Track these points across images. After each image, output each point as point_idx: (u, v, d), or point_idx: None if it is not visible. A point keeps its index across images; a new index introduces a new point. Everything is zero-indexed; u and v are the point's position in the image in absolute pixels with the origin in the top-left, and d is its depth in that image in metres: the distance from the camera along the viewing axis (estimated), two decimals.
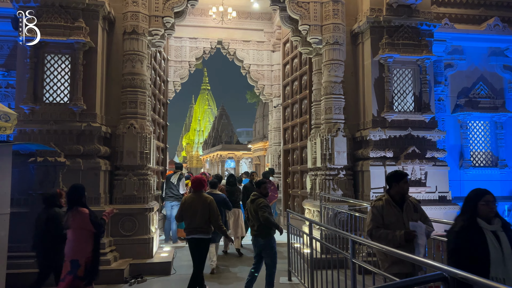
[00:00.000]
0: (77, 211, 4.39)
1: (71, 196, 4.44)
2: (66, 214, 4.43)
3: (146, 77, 7.67)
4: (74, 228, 4.34)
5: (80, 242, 4.30)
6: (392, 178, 3.90)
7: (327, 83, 7.91)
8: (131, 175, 7.16)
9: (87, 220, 4.35)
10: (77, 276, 4.22)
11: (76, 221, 4.35)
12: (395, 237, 3.66)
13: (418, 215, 3.82)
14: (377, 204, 3.88)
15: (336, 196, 7.47)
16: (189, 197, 5.32)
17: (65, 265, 4.30)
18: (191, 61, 11.51)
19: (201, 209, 5.16)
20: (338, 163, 7.66)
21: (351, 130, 8.07)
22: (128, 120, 7.28)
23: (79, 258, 4.27)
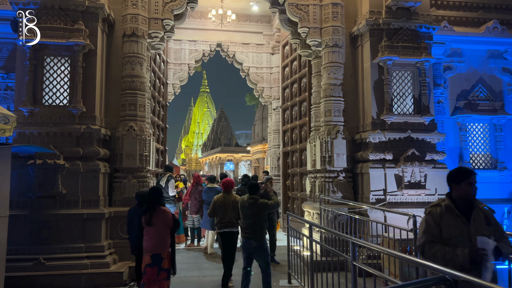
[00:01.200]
0: (161, 210, 4.95)
1: (153, 196, 4.97)
2: (147, 212, 4.91)
3: (146, 79, 7.66)
4: (157, 225, 4.86)
5: (163, 238, 4.87)
6: (453, 177, 2.95)
7: (326, 85, 7.91)
8: (130, 178, 7.14)
9: (170, 218, 4.94)
10: (162, 268, 4.79)
11: (160, 219, 4.88)
12: (456, 256, 2.74)
13: (491, 229, 2.87)
14: (434, 211, 2.96)
15: (336, 199, 7.47)
16: (221, 196, 6.20)
17: (144, 259, 4.82)
18: (190, 63, 11.51)
19: (231, 207, 5.96)
20: (338, 165, 7.66)
21: (350, 133, 8.07)
22: (127, 123, 7.27)
23: (161, 252, 4.82)
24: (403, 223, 6.09)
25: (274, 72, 12.01)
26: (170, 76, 11.27)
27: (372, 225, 6.55)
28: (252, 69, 11.96)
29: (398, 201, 7.44)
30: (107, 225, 6.92)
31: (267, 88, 12.11)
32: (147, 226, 4.89)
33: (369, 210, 7.21)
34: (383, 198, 7.46)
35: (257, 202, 5.45)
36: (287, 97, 10.98)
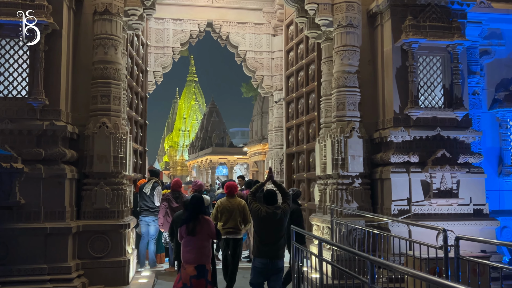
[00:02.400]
0: (204, 220, 5.54)
1: (196, 204, 5.56)
2: (190, 222, 5.47)
3: (121, 66, 7.65)
4: (201, 235, 5.44)
5: (206, 248, 5.46)
6: None
7: (339, 73, 7.92)
8: (102, 185, 7.14)
9: (213, 228, 5.55)
10: (208, 281, 5.34)
11: (204, 229, 5.47)
12: None
13: None
14: None
15: (351, 210, 7.48)
16: (225, 200, 7.13)
17: (187, 270, 5.34)
18: (175, 47, 11.50)
19: (237, 211, 6.66)
20: (353, 169, 7.67)
21: (368, 130, 8.08)
22: (99, 118, 7.26)
23: (206, 264, 5.39)
24: (431, 239, 6.10)
25: (276, 57, 12.01)
26: (151, 62, 11.27)
27: (394, 241, 6.55)
28: (249, 53, 11.96)
29: (425, 212, 7.46)
30: (75, 242, 6.91)
31: (268, 76, 12.10)
32: (190, 236, 5.43)
33: (391, 224, 7.23)
34: (407, 209, 7.48)
35: (285, 212, 5.63)
36: (292, 88, 10.97)
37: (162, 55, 11.44)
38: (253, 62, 12.03)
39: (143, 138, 10.43)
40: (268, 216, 5.57)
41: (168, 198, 8.29)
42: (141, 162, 10.25)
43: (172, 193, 8.38)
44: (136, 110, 9.87)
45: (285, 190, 5.96)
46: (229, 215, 7.16)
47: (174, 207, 8.17)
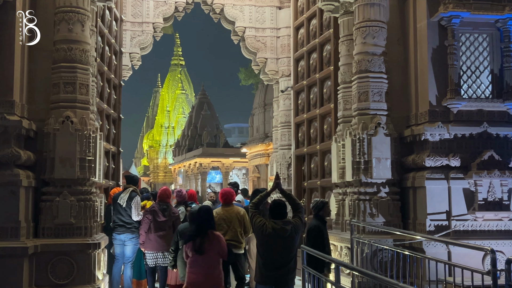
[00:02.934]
0: (214, 236, 5.79)
1: (204, 217, 5.82)
2: (197, 238, 5.70)
3: (90, 46, 7.64)
4: (210, 253, 5.67)
5: (217, 270, 5.69)
6: None
7: (361, 55, 7.90)
8: (66, 194, 7.12)
9: (224, 246, 5.79)
10: None
11: (214, 246, 5.71)
12: None
13: None
14: None
15: (376, 225, 7.47)
16: (220, 210, 7.32)
17: None
18: (156, 22, 11.49)
19: (236, 221, 6.84)
20: (378, 175, 7.65)
21: (397, 126, 8.06)
22: (62, 111, 7.24)
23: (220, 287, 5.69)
24: (477, 261, 6.10)
25: (282, 35, 11.99)
26: (127, 42, 11.25)
27: (429, 264, 6.53)
28: (249, 31, 11.94)
29: (468, 229, 7.44)
30: (32, 266, 6.89)
31: (272, 59, 12.08)
32: (197, 255, 5.65)
33: (426, 243, 7.20)
34: (446, 225, 7.46)
35: (296, 228, 5.60)
36: (302, 73, 10.96)
37: (141, 32, 11.43)
38: (253, 41, 12.00)
39: (116, 136, 10.40)
40: (275, 233, 5.54)
41: (154, 210, 8.28)
42: (114, 166, 10.23)
43: (159, 205, 8.35)
44: (108, 101, 9.85)
45: (296, 201, 5.95)
46: (227, 226, 7.33)
47: (160, 221, 8.16)
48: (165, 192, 8.50)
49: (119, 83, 10.73)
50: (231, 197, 7.69)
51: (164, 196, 8.44)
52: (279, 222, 5.61)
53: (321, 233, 6.88)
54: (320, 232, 6.89)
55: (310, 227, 6.93)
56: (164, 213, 8.23)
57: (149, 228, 8.19)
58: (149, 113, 58.16)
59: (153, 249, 8.13)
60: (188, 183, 37.30)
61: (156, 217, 8.18)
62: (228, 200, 7.61)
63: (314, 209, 7.03)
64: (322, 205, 7.11)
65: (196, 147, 36.84)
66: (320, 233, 6.87)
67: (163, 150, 48.78)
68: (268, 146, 24.46)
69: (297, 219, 5.70)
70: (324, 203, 7.16)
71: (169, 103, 50.61)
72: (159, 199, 8.45)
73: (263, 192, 6.12)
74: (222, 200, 7.69)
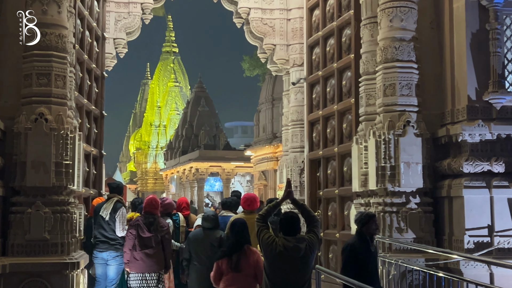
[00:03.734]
0: (250, 251, 6.04)
1: (240, 231, 6.09)
2: (233, 253, 5.98)
3: (68, 31, 7.63)
4: (247, 271, 5.93)
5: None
6: None
7: (387, 41, 7.89)
8: (40, 205, 7.11)
9: (261, 263, 5.83)
10: None
11: (249, 263, 5.94)
12: None
13: None
14: None
15: (404, 242, 7.43)
16: (240, 218, 7.24)
17: None
18: (145, 2, 11.49)
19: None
20: (408, 183, 7.63)
21: (430, 125, 8.05)
22: (35, 107, 7.24)
23: None
24: None
25: (293, 17, 11.98)
26: (110, 26, 11.24)
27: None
28: (255, 12, 11.93)
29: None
30: None
31: (282, 46, 12.06)
32: (233, 272, 5.88)
33: (464, 263, 7.15)
34: (488, 242, 7.41)
35: (312, 246, 5.52)
36: (318, 63, 10.93)
37: (127, 14, 11.42)
38: (260, 24, 11.98)
39: (98, 136, 10.41)
40: (286, 253, 5.48)
41: (138, 224, 8.25)
42: (96, 171, 10.23)
43: (145, 217, 8.30)
44: (89, 95, 9.86)
45: (311, 213, 5.88)
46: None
47: (145, 237, 8.12)
48: (152, 202, 8.37)
49: (102, 74, 10.73)
50: (255, 203, 7.93)
51: (150, 207, 8.32)
52: (291, 239, 5.54)
53: (354, 254, 6.22)
54: (352, 252, 6.25)
55: (344, 245, 6.69)
56: (150, 227, 8.14)
57: (134, 245, 8.15)
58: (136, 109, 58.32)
59: (138, 270, 8.01)
60: (183, 191, 37.32)
61: (141, 233, 8.12)
62: (252, 206, 7.87)
63: (357, 223, 6.44)
64: (366, 219, 6.41)
65: (192, 149, 36.91)
66: (352, 253, 6.23)
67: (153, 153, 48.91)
68: (276, 148, 24.46)
69: (312, 235, 5.63)
70: (369, 217, 6.45)
71: (160, 97, 50.76)
72: (144, 211, 8.37)
73: (272, 203, 6.08)
74: (245, 206, 7.96)
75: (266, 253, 5.60)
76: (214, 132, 37.71)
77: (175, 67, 52.31)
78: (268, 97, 26.05)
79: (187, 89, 52.06)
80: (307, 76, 11.37)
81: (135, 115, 58.14)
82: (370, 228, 6.35)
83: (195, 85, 42.25)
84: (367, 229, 6.34)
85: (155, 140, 49.42)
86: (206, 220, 7.64)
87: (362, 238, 6.35)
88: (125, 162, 59.07)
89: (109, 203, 8.67)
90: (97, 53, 10.50)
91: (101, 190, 10.33)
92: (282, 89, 13.67)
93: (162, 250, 7.95)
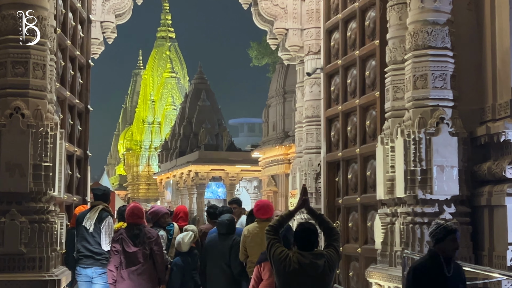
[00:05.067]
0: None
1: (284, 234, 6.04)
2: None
3: (48, 12, 7.67)
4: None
5: None
6: None
7: (418, 25, 7.90)
8: (15, 214, 7.15)
9: None
10: None
11: None
12: None
13: None
14: None
15: None
16: (254, 228, 7.75)
17: None
18: None
19: None
20: (441, 190, 7.63)
21: (467, 122, 8.05)
22: (10, 101, 7.29)
23: None
24: None
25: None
26: (97, 7, 11.28)
27: None
28: None
29: None
30: None
31: (295, 30, 12.09)
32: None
33: (506, 283, 7.17)
34: None
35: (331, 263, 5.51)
36: (337, 50, 10.95)
37: None
38: (270, 6, 12.01)
39: (83, 134, 10.43)
40: (302, 270, 5.47)
41: (122, 238, 8.27)
42: (80, 175, 10.26)
43: (128, 229, 8.31)
44: (72, 87, 9.89)
45: (330, 224, 5.86)
46: (259, 248, 7.39)
47: (131, 253, 8.13)
48: (133, 211, 8.36)
49: (87, 62, 10.77)
50: (270, 210, 8.13)
51: (133, 217, 8.32)
52: (308, 254, 5.52)
53: (420, 280, 5.50)
54: (418, 278, 5.54)
55: (413, 263, 5.95)
56: (136, 240, 8.17)
57: (120, 262, 8.16)
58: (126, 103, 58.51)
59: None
60: (180, 199, 37.40)
61: (126, 247, 8.13)
62: (267, 214, 8.04)
63: (431, 237, 5.63)
64: (442, 234, 5.51)
65: (190, 150, 36.98)
66: (417, 280, 5.51)
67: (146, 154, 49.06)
68: (288, 149, 24.49)
69: (332, 250, 5.61)
70: (446, 232, 5.46)
71: (154, 90, 50.90)
72: (128, 222, 8.37)
73: (285, 213, 6.08)
74: (259, 214, 8.09)
75: (278, 270, 5.58)
76: (216, 130, 37.79)
77: (171, 55, 52.46)
78: (279, 90, 26.07)
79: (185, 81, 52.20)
80: (324, 66, 11.37)
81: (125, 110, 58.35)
82: (447, 246, 5.46)
83: (195, 76, 42.42)
84: (443, 247, 5.46)
85: (148, 139, 49.57)
86: (220, 225, 8.34)
87: (435, 259, 5.52)
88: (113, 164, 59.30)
89: (94, 212, 8.68)
90: (82, 38, 10.53)
91: (85, 197, 10.34)
92: (295, 80, 13.70)
93: (153, 265, 7.97)
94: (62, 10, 9.23)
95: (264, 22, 12.30)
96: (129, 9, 11.59)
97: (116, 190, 44.36)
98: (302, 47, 12.09)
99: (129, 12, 11.65)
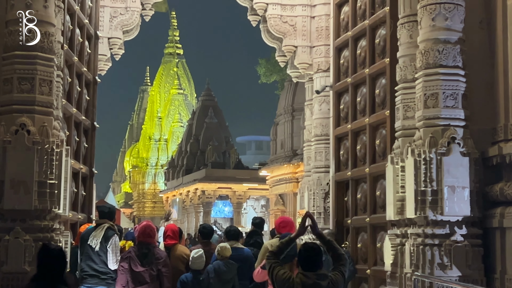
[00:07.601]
0: None
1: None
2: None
3: (55, 28, 7.71)
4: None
5: None
6: None
7: (429, 43, 7.90)
8: (19, 232, 7.14)
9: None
10: None
11: None
12: None
13: None
14: None
15: (448, 281, 7.35)
16: (275, 242, 7.14)
17: None
18: None
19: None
20: (453, 211, 7.61)
21: (479, 143, 8.04)
22: (15, 117, 7.31)
23: None
24: None
25: (318, 14, 12.04)
26: (105, 23, 11.32)
27: None
28: (273, 8, 11.98)
29: None
30: None
31: (304, 48, 12.10)
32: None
33: None
34: None
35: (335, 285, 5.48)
36: (346, 68, 10.97)
37: (124, 10, 11.51)
38: (279, 23, 12.04)
39: (89, 151, 10.45)
40: None
41: (130, 257, 8.26)
42: (85, 193, 10.26)
43: (138, 248, 8.32)
44: (79, 104, 9.90)
45: (339, 251, 5.83)
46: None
47: (138, 272, 8.12)
48: (145, 230, 8.38)
49: (94, 79, 10.80)
50: (292, 226, 7.98)
51: (145, 236, 8.35)
52: (311, 275, 5.49)
53: None
54: None
55: None
56: (143, 260, 8.16)
57: (127, 282, 8.15)
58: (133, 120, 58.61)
59: None
60: (186, 217, 37.35)
61: (133, 266, 8.12)
62: (289, 229, 7.81)
63: None
64: None
65: (197, 168, 36.98)
66: None
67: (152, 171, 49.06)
68: (297, 167, 24.46)
69: (337, 272, 5.61)
70: None
71: (161, 107, 51.00)
72: (138, 240, 8.39)
73: (285, 238, 6.05)
74: (281, 230, 7.94)
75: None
76: (223, 148, 37.80)
77: (179, 71, 52.62)
78: (287, 108, 26.08)
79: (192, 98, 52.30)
80: (333, 84, 11.39)
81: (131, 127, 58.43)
82: None
83: (202, 92, 42.52)
84: None
85: (154, 156, 49.59)
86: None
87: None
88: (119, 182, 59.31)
89: (99, 230, 8.65)
90: (89, 54, 10.57)
91: (91, 215, 10.33)
92: (304, 98, 13.72)
93: (159, 286, 7.95)
94: (70, 26, 9.27)
95: (273, 39, 12.33)
96: (136, 25, 11.64)
97: (122, 208, 44.41)
98: (311, 65, 12.11)
99: (136, 28, 11.70)
